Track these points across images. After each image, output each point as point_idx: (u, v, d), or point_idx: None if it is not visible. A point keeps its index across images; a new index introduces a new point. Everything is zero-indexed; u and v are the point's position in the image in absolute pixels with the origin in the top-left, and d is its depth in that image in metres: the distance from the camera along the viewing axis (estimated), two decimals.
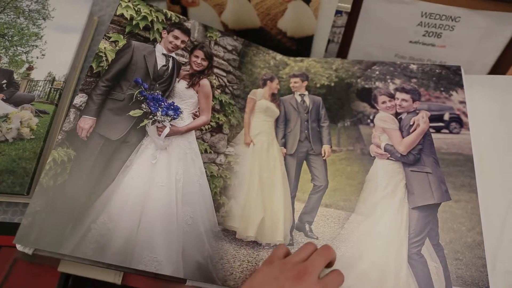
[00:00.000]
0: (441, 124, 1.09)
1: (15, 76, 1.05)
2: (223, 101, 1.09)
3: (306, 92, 1.16)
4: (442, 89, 1.11)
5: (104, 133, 0.93)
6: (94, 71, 0.97)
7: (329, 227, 1.00)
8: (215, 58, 1.11)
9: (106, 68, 0.97)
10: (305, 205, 1.04)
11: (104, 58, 0.98)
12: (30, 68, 1.06)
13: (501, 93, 1.09)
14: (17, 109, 1.00)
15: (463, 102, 1.08)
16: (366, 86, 1.14)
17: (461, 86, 1.10)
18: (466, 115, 1.07)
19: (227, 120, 1.08)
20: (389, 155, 1.04)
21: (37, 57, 1.08)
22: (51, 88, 1.05)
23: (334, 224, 1.00)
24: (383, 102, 1.10)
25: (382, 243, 0.95)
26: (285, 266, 0.80)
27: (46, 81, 1.05)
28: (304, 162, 1.11)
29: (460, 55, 1.17)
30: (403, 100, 1.09)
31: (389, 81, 1.13)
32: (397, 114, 1.09)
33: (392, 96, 1.10)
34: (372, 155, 1.06)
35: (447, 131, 1.08)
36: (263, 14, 1.17)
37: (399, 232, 0.96)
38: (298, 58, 1.20)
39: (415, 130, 1.05)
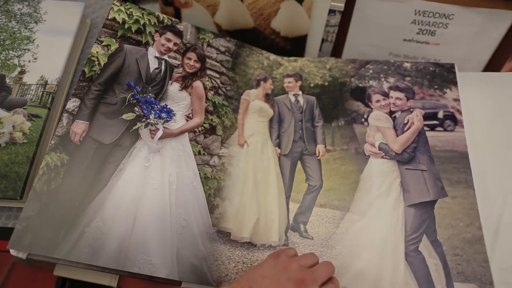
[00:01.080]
0: (435, 122, 1.10)
1: (7, 80, 1.06)
2: (216, 102, 1.10)
3: (300, 92, 1.17)
4: (436, 87, 1.12)
5: (97, 137, 0.94)
6: (86, 76, 0.98)
7: (324, 227, 1.01)
8: (207, 60, 1.12)
9: (99, 72, 0.99)
10: (299, 205, 1.05)
11: (96, 63, 0.99)
12: (22, 72, 1.07)
13: (496, 90, 1.10)
14: (9, 113, 1.01)
15: (457, 100, 1.10)
16: (360, 85, 1.15)
17: (455, 83, 1.11)
18: (460, 113, 1.08)
19: (221, 121, 1.09)
20: (383, 154, 1.05)
21: (29, 61, 1.09)
22: (43, 91, 1.06)
23: (329, 224, 1.01)
24: (377, 101, 1.11)
25: (378, 241, 0.96)
26: (291, 266, 0.80)
27: (38, 85, 1.06)
28: (299, 162, 1.12)
29: (454, 53, 1.19)
30: (397, 98, 1.10)
31: (383, 79, 1.14)
32: (391, 113, 1.10)
33: (386, 95, 1.11)
34: (367, 154, 1.07)
35: (441, 128, 1.09)
36: (256, 14, 1.18)
37: (395, 230, 0.96)
38: (292, 58, 1.21)
39: (409, 128, 1.05)
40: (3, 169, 0.94)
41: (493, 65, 1.19)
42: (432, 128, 1.08)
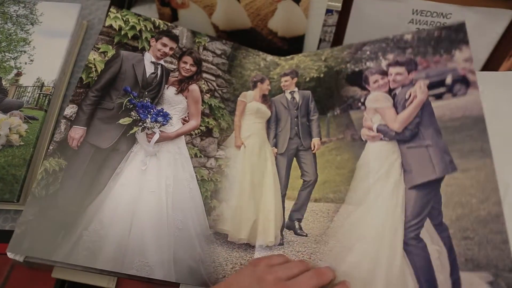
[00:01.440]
0: (442, 89, 1.00)
1: (4, 82, 1.07)
2: (213, 105, 1.11)
3: (296, 89, 1.17)
4: (442, 51, 1.02)
5: (94, 142, 0.96)
6: (84, 82, 1.01)
7: (318, 222, 1.01)
8: (203, 63, 1.14)
9: (96, 78, 1.01)
10: (294, 203, 1.06)
11: (93, 69, 1.02)
12: (18, 74, 1.09)
13: (494, 89, 1.09)
14: (6, 115, 1.03)
15: (468, 60, 0.99)
16: (356, 69, 1.11)
17: (465, 42, 1.00)
18: (473, 73, 0.96)
19: (217, 123, 1.11)
20: (382, 136, 1.00)
21: (26, 63, 1.11)
22: (40, 93, 1.07)
23: (323, 219, 1.00)
24: (375, 82, 1.06)
25: (374, 231, 0.91)
26: (267, 277, 0.80)
27: (35, 87, 1.08)
28: (294, 158, 1.12)
29: None
30: (397, 74, 1.03)
31: (381, 58, 1.09)
32: (391, 90, 1.03)
33: (384, 73, 1.05)
34: (364, 139, 1.02)
35: (450, 95, 0.98)
36: (253, 15, 1.20)
37: (394, 217, 0.91)
38: (289, 57, 1.21)
39: (411, 103, 0.98)
40: (0, 172, 0.96)
41: (491, 64, 1.20)
42: (439, 96, 0.98)
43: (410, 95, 0.99)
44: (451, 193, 0.87)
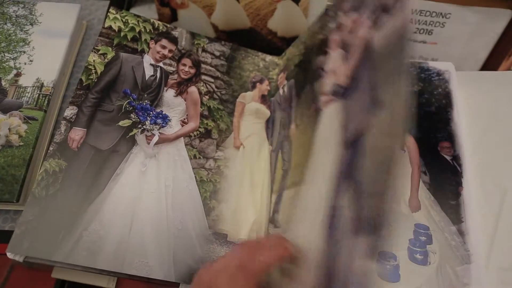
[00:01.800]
0: (383, 16, 0.73)
1: (3, 83, 1.08)
2: (211, 107, 1.13)
3: (285, 81, 1.17)
4: None
5: (94, 144, 0.98)
6: (83, 84, 1.03)
7: (287, 210, 0.98)
8: (202, 65, 1.16)
9: (96, 80, 1.03)
10: (277, 195, 1.05)
11: (93, 71, 1.04)
12: (18, 75, 1.10)
13: (493, 89, 1.10)
14: (5, 116, 1.04)
15: None
16: (322, 37, 0.97)
17: None
18: None
19: (216, 125, 1.12)
20: (334, 98, 0.84)
21: (25, 63, 1.12)
22: (39, 94, 1.08)
23: (290, 206, 0.97)
24: (335, 40, 0.89)
25: (311, 209, 0.80)
26: (201, 280, 0.72)
27: (34, 87, 1.09)
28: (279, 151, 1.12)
29: (451, 52, 1.22)
30: (352, 21, 0.82)
31: (339, 13, 0.89)
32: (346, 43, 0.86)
33: (341, 28, 0.86)
34: (321, 108, 0.89)
35: (389, 16, 0.71)
36: (252, 15, 1.21)
37: (325, 188, 0.75)
38: (283, 54, 1.22)
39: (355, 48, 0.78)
40: (0, 172, 0.97)
41: (491, 64, 1.22)
42: (380, 25, 0.74)
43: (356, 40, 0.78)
44: (372, 135, 0.67)
